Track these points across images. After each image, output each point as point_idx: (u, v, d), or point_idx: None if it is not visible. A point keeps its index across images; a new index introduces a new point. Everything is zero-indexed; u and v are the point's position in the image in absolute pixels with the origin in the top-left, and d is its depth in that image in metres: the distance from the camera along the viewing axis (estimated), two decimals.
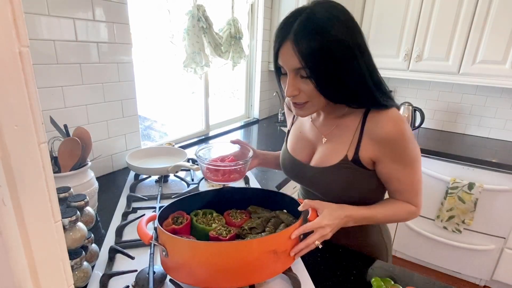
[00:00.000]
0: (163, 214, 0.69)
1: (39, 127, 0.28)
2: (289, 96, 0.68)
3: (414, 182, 0.73)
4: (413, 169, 0.72)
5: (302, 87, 0.67)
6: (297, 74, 0.66)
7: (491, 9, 1.75)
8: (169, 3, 1.65)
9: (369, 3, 2.08)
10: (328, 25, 0.62)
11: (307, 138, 0.83)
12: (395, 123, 0.67)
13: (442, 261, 2.04)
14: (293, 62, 0.64)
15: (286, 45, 0.64)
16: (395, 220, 0.77)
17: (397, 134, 0.67)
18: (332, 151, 0.76)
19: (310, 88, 0.66)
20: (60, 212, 0.32)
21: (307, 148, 0.83)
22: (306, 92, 0.67)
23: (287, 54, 0.64)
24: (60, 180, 0.85)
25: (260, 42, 2.24)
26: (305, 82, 0.66)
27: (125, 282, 0.66)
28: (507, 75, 1.79)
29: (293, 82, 0.66)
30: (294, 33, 0.63)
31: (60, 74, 1.05)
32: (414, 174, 0.72)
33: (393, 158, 0.70)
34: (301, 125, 0.87)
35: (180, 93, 1.98)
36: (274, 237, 0.61)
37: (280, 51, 0.66)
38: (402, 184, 0.74)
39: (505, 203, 1.76)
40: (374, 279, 0.69)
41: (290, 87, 0.67)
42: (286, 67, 0.66)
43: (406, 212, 0.75)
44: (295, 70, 0.65)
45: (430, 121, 2.36)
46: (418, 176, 0.74)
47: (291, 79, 0.66)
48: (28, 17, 0.93)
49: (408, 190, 0.74)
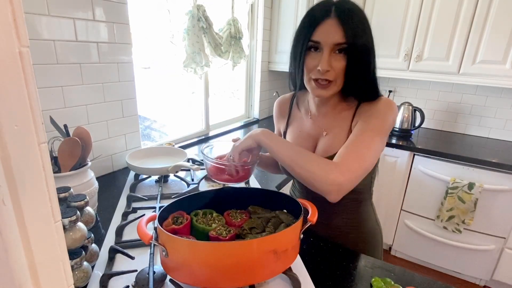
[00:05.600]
0: (163, 214, 0.69)
1: (39, 127, 0.28)
2: (324, 70, 0.71)
3: (365, 147, 0.70)
4: (375, 135, 0.71)
5: (334, 64, 0.71)
6: (333, 50, 0.71)
7: (491, 9, 1.75)
8: (169, 3, 1.65)
9: (369, 3, 2.08)
10: (366, 18, 0.72)
11: (308, 135, 0.87)
12: (385, 100, 0.77)
13: (442, 261, 2.04)
14: (336, 37, 0.69)
15: (329, 21, 0.69)
16: (305, 156, 0.69)
17: (381, 103, 0.76)
18: (334, 140, 0.80)
19: (340, 66, 0.71)
20: (60, 212, 0.32)
21: (309, 144, 0.86)
22: (335, 70, 0.72)
23: (330, 29, 0.69)
24: (60, 180, 0.85)
25: (260, 42, 2.24)
26: (338, 59, 0.71)
27: (125, 282, 0.66)
28: (507, 75, 1.79)
29: (328, 58, 0.71)
30: (340, 12, 0.69)
31: (60, 74, 1.05)
32: (371, 140, 0.71)
33: (365, 117, 0.75)
34: (300, 124, 0.90)
35: (180, 93, 1.98)
36: (274, 237, 0.61)
37: (320, 26, 0.70)
38: (354, 141, 0.71)
39: (505, 203, 1.76)
40: (374, 279, 0.69)
41: (325, 62, 0.70)
42: (325, 42, 0.70)
43: (324, 162, 0.68)
44: (334, 45, 0.70)
45: (430, 121, 2.36)
46: (373, 148, 0.71)
47: (327, 55, 0.70)
48: (28, 17, 0.94)
49: (355, 147, 0.70)
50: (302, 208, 0.68)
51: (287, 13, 2.22)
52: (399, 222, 2.14)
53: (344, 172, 0.66)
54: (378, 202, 2.03)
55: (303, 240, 0.70)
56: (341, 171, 0.66)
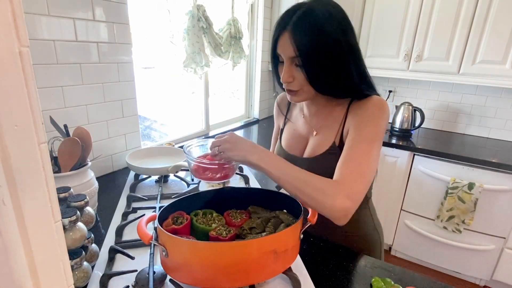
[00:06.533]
0: (163, 214, 0.69)
1: (39, 127, 0.28)
2: (284, 82, 0.74)
3: (362, 160, 0.69)
4: (370, 145, 0.70)
5: (296, 75, 0.73)
6: (292, 62, 0.72)
7: (491, 9, 1.75)
8: (169, 3, 1.65)
9: (369, 3, 2.08)
10: (323, 22, 0.68)
11: (300, 134, 0.88)
12: (375, 101, 0.75)
13: (442, 261, 2.04)
14: (289, 51, 0.70)
15: (284, 35, 0.70)
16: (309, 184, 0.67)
17: (373, 105, 0.74)
18: (321, 141, 0.82)
19: (302, 77, 0.72)
20: (60, 212, 0.32)
21: (300, 143, 0.88)
22: (299, 80, 0.73)
23: (285, 44, 0.70)
24: (60, 180, 0.85)
25: (260, 42, 2.24)
26: (298, 71, 0.72)
27: (125, 282, 0.65)
28: (507, 75, 1.79)
29: (288, 69, 0.73)
30: (292, 25, 0.69)
31: (60, 74, 1.05)
32: (368, 152, 0.69)
33: (358, 124, 0.74)
34: (294, 124, 0.92)
35: (180, 93, 1.98)
36: (274, 237, 0.61)
37: (279, 40, 0.72)
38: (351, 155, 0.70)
39: (505, 203, 1.76)
40: (374, 279, 0.69)
41: (286, 74, 0.73)
42: (283, 55, 0.73)
43: (325, 181, 0.67)
44: (290, 58, 0.71)
45: (430, 121, 2.36)
46: (371, 160, 0.69)
47: (287, 67, 0.73)
48: (28, 17, 0.93)
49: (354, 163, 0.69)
50: (302, 208, 0.68)
51: None
52: (399, 222, 2.14)
53: (350, 196, 0.65)
54: (378, 202, 2.03)
55: (303, 240, 0.69)
56: (347, 195, 0.65)
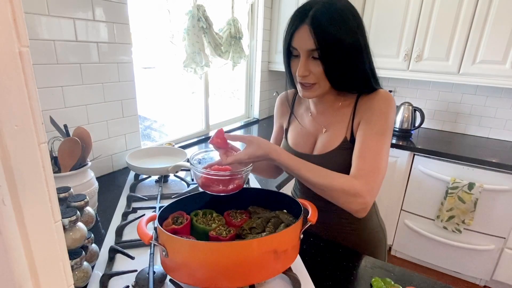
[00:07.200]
0: (163, 214, 0.69)
1: (39, 127, 0.28)
2: (301, 75, 0.73)
3: (377, 154, 0.71)
4: (382, 138, 0.72)
5: (313, 69, 0.72)
6: (310, 56, 0.71)
7: (491, 9, 1.75)
8: (169, 3, 1.65)
9: (369, 3, 2.08)
10: (344, 15, 0.68)
11: (308, 132, 0.88)
12: (383, 94, 0.76)
13: (442, 261, 2.04)
14: (308, 43, 0.69)
15: (303, 27, 0.69)
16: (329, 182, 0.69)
17: (381, 99, 0.75)
18: (332, 137, 0.81)
19: (319, 70, 0.71)
20: (60, 212, 0.32)
21: (309, 141, 0.87)
22: (315, 74, 0.72)
23: (303, 36, 0.69)
24: (60, 180, 0.85)
25: (260, 42, 2.24)
26: (315, 64, 0.71)
27: (125, 282, 0.66)
28: (507, 75, 1.79)
29: (305, 63, 0.72)
30: (312, 18, 0.68)
31: (60, 74, 1.05)
32: (381, 145, 0.72)
33: (369, 118, 0.75)
34: (301, 122, 0.91)
35: (180, 93, 1.98)
36: (274, 237, 0.61)
37: (296, 33, 0.71)
38: (365, 149, 0.72)
39: (505, 203, 1.76)
40: (374, 279, 0.69)
41: (302, 67, 0.72)
42: (300, 48, 0.71)
43: (344, 178, 0.69)
44: (308, 51, 0.70)
45: (430, 121, 2.36)
46: (384, 153, 0.72)
47: (304, 60, 0.72)
48: (28, 17, 0.93)
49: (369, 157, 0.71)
50: (302, 208, 0.68)
51: (287, 13, 2.21)
52: (399, 222, 2.14)
53: (370, 191, 0.69)
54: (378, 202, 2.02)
55: (303, 240, 0.69)
56: (367, 190, 0.68)
